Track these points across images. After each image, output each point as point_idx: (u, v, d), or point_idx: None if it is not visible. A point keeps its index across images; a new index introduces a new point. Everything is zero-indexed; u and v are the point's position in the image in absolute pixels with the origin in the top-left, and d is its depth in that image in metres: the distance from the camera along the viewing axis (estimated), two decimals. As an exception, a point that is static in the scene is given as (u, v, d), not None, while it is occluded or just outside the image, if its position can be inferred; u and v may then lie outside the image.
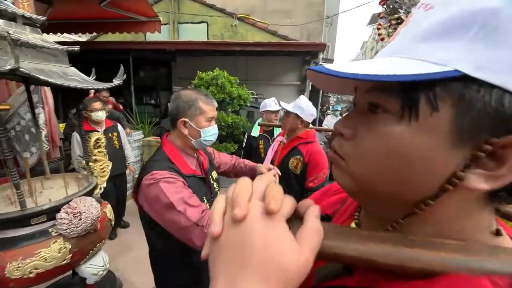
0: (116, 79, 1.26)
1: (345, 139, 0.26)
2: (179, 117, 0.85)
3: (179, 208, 0.71)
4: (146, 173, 0.77)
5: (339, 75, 0.20)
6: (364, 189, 0.24)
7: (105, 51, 4.43)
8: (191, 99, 0.85)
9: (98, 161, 1.58)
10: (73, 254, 1.12)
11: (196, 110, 0.85)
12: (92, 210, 1.15)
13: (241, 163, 1.20)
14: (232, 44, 4.33)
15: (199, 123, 0.86)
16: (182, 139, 0.89)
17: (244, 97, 3.31)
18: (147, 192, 0.75)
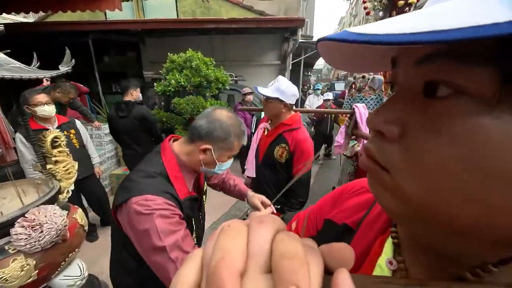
0: (63, 65, 1.05)
1: (389, 141, 0.17)
2: (205, 140, 0.71)
3: (172, 256, 0.60)
4: (138, 193, 0.62)
5: (384, 40, 0.12)
6: (426, 216, 0.16)
7: (58, 33, 3.87)
8: (230, 132, 0.72)
9: (60, 162, 1.39)
10: (39, 269, 0.99)
11: (227, 145, 0.73)
12: (56, 219, 1.01)
13: (230, 181, 1.07)
14: (206, 22, 3.98)
15: (221, 158, 0.75)
16: (192, 160, 0.74)
17: (223, 80, 3.11)
18: (136, 220, 0.61)
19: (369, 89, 1.84)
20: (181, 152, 0.75)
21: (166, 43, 4.62)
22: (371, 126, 0.19)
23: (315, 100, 5.33)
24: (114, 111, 2.15)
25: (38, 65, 1.09)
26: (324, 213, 0.38)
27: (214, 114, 0.73)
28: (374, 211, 0.29)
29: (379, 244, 0.27)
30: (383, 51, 0.18)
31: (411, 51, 0.16)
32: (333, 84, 9.57)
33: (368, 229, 0.29)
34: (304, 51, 6.09)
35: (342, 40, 0.14)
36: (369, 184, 0.21)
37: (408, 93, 0.17)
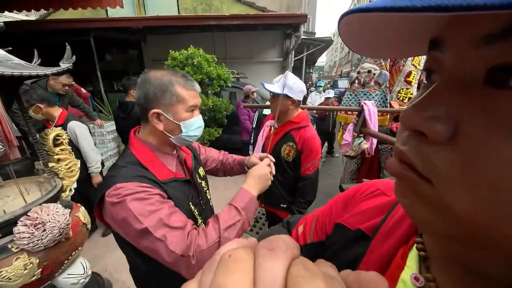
0: (64, 62, 1.04)
1: (433, 144, 0.14)
2: (149, 107, 0.64)
3: (157, 235, 0.54)
4: (109, 187, 0.59)
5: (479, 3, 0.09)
6: (475, 237, 0.14)
7: (59, 31, 3.86)
8: (163, 82, 0.64)
9: (62, 160, 1.38)
10: (43, 268, 0.99)
11: (172, 97, 0.64)
12: (59, 217, 1.00)
13: (229, 159, 1.02)
14: (207, 18, 3.94)
15: (178, 115, 0.66)
16: (157, 136, 0.69)
17: (224, 77, 3.09)
18: (114, 213, 0.57)
19: (375, 84, 1.79)
20: (145, 136, 0.70)
21: (168, 40, 4.60)
22: (409, 125, 0.15)
23: (317, 97, 5.29)
24: (117, 111, 2.15)
25: (39, 62, 1.08)
26: (335, 216, 0.35)
27: (141, 79, 0.67)
28: (393, 217, 0.26)
29: (401, 255, 0.24)
30: (422, 29, 0.15)
31: (469, 27, 0.13)
32: (336, 81, 9.48)
33: (386, 237, 0.26)
34: (306, 48, 6.03)
35: (389, 9, 0.11)
36: (398, 192, 0.18)
37: (461, 82, 0.14)
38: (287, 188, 1.31)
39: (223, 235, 0.58)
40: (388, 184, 0.33)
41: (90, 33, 3.96)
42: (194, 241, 0.57)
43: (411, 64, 1.91)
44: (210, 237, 0.58)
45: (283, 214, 1.40)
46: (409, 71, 1.90)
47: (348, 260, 0.28)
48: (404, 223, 0.25)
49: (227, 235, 0.59)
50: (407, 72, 1.90)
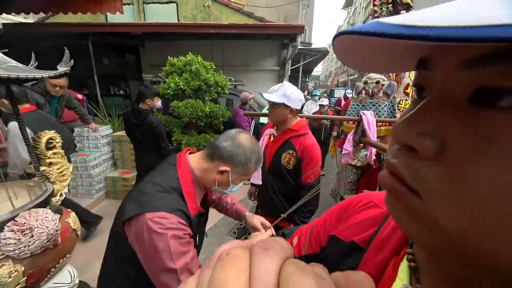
0: (62, 65, 1.03)
1: (422, 158, 0.15)
2: (226, 162, 0.71)
3: (181, 278, 0.59)
4: (152, 209, 0.60)
5: (456, 36, 0.10)
6: (463, 251, 0.14)
7: (57, 35, 3.86)
8: (251, 158, 0.73)
9: (54, 164, 1.36)
10: (28, 276, 0.95)
11: (246, 170, 0.74)
12: (48, 223, 0.97)
13: (227, 199, 1.04)
14: (206, 26, 4.01)
15: (236, 181, 0.76)
16: (206, 177, 0.74)
17: (222, 84, 3.12)
18: (148, 238, 0.59)
19: (383, 95, 1.80)
20: (197, 167, 0.74)
21: (166, 46, 4.64)
22: (399, 139, 0.16)
23: (313, 105, 5.36)
24: (128, 116, 2.18)
25: (36, 65, 1.07)
26: (329, 228, 0.35)
27: (239, 138, 0.74)
28: (386, 229, 0.27)
29: (392, 266, 0.24)
30: (411, 50, 0.16)
31: (453, 51, 0.13)
32: (333, 90, 9.63)
33: (379, 249, 0.26)
34: (302, 58, 6.16)
35: (378, 35, 0.12)
36: (388, 204, 0.18)
37: (448, 100, 0.14)
38: (288, 197, 1.30)
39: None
40: (381, 196, 0.33)
41: (89, 37, 3.96)
42: None
43: (408, 76, 1.96)
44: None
45: (284, 224, 1.38)
46: (407, 83, 1.94)
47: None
48: (396, 234, 0.26)
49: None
50: (406, 84, 1.94)
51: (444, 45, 0.13)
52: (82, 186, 2.76)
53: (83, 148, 2.90)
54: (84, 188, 2.77)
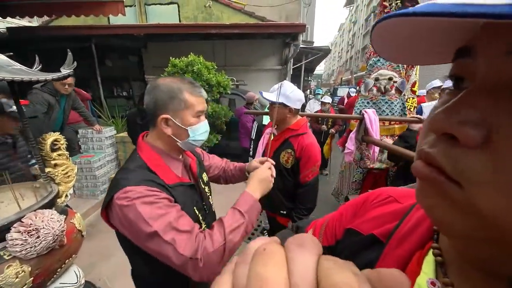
0: (65, 67, 1.04)
1: (464, 148, 0.15)
2: (158, 113, 0.67)
3: (166, 238, 0.56)
4: (118, 189, 0.60)
5: None
6: (504, 239, 0.14)
7: (61, 38, 3.91)
8: (172, 89, 0.67)
9: (59, 165, 1.37)
10: (35, 276, 0.96)
11: (181, 103, 0.67)
12: (53, 224, 0.98)
13: (230, 166, 1.03)
14: (208, 27, 4.02)
15: (186, 120, 0.69)
16: (165, 141, 0.71)
17: (224, 84, 3.12)
18: (122, 215, 0.59)
19: (396, 92, 1.78)
20: (153, 140, 0.72)
21: (168, 48, 4.66)
22: (439, 128, 0.16)
23: (315, 104, 5.34)
24: (133, 116, 2.18)
25: (40, 68, 1.09)
26: (345, 222, 0.35)
27: (151, 86, 0.70)
28: (408, 223, 0.27)
29: (416, 261, 0.24)
30: (448, 39, 0.15)
31: (502, 36, 0.13)
32: (336, 89, 9.55)
33: (400, 242, 0.26)
34: (304, 57, 6.13)
35: (440, 14, 0.11)
36: (422, 194, 0.18)
37: (494, 88, 0.14)
38: (287, 194, 1.31)
39: (228, 238, 0.61)
40: (400, 192, 0.33)
41: (92, 39, 4.00)
42: (201, 244, 0.59)
43: (415, 74, 1.93)
44: (216, 240, 0.60)
45: (283, 220, 1.39)
46: (414, 81, 1.91)
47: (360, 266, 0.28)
48: (419, 229, 0.25)
49: (232, 237, 0.61)
50: (413, 82, 1.91)
51: (492, 31, 0.13)
52: (87, 187, 2.79)
53: (88, 150, 2.93)
54: (89, 189, 2.80)
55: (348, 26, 37.45)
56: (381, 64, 1.90)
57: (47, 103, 2.31)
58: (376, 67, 1.98)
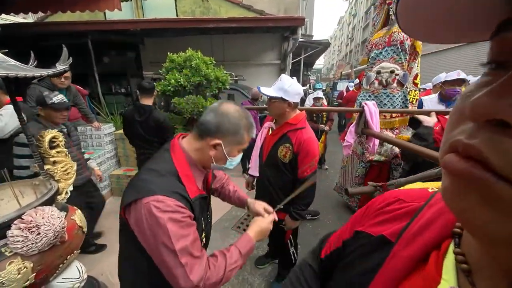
0: (60, 63, 1.03)
1: None
2: (215, 136, 0.69)
3: (182, 261, 0.59)
4: (148, 194, 0.60)
5: None
6: None
7: (56, 34, 3.86)
8: (239, 125, 0.70)
9: (58, 162, 1.37)
10: (37, 272, 0.97)
11: (238, 139, 0.71)
12: (54, 221, 0.99)
13: (229, 186, 1.05)
14: (205, 21, 3.96)
15: (232, 152, 0.73)
16: (202, 157, 0.72)
17: (223, 79, 3.09)
18: (146, 222, 0.59)
19: (397, 84, 1.75)
20: (190, 149, 0.72)
21: (166, 43, 4.61)
22: (483, 113, 0.13)
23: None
24: (131, 113, 2.11)
25: (35, 64, 1.07)
26: (355, 226, 0.35)
27: (221, 108, 0.70)
28: (418, 222, 0.25)
29: (434, 265, 0.22)
30: (486, 12, 0.13)
31: None
32: (336, 83, 9.46)
33: (409, 242, 0.25)
34: (304, 51, 6.07)
35: None
36: (454, 193, 0.16)
37: None
38: (284, 190, 1.30)
39: (226, 274, 0.68)
40: (408, 193, 0.32)
41: (88, 35, 3.95)
42: (206, 274, 0.64)
43: (417, 67, 1.89)
44: (217, 274, 0.66)
45: (280, 214, 1.40)
46: (416, 73, 1.88)
47: (368, 267, 0.27)
48: (431, 227, 0.24)
49: (229, 274, 0.69)
50: (415, 74, 1.87)
51: None
52: (88, 184, 2.80)
53: (87, 147, 2.93)
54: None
55: (348, 19, 36.96)
56: (383, 57, 1.87)
57: None
58: (378, 60, 1.95)
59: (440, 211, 0.25)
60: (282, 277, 1.70)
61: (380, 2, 2.06)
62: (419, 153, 0.96)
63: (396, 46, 1.76)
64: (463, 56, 8.64)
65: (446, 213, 0.25)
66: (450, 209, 0.17)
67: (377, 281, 0.25)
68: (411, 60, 1.85)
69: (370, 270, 0.26)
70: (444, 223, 0.24)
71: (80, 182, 1.76)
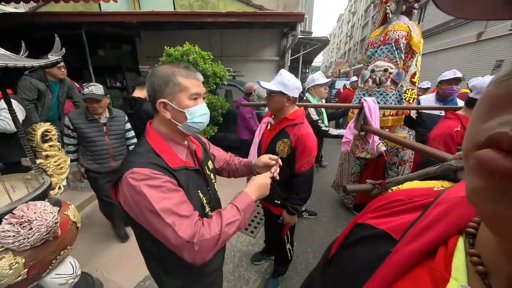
0: (52, 53, 1.00)
1: None
2: (157, 98, 0.71)
3: (167, 220, 0.60)
4: (126, 169, 0.64)
5: None
6: None
7: (49, 25, 3.75)
8: (167, 74, 0.70)
9: (51, 156, 1.34)
10: (29, 268, 0.96)
11: (175, 86, 0.70)
12: (46, 216, 0.97)
13: (235, 160, 1.07)
14: (203, 15, 3.89)
15: (182, 103, 0.71)
16: (167, 125, 0.74)
17: (220, 75, 3.06)
18: (128, 194, 0.63)
19: (391, 83, 1.75)
20: (157, 125, 0.75)
21: (163, 37, 4.52)
22: None
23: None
24: (123, 107, 2.10)
25: (26, 55, 1.04)
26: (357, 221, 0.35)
27: (149, 73, 0.73)
28: (424, 220, 0.25)
29: (443, 263, 0.22)
30: None
31: None
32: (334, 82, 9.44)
33: (414, 238, 0.24)
34: (303, 48, 6.03)
35: None
36: (487, 196, 0.14)
37: None
38: (282, 184, 1.30)
39: (224, 229, 0.66)
40: (412, 192, 0.32)
41: (82, 27, 3.85)
42: (199, 230, 0.63)
43: (415, 65, 1.89)
44: (213, 229, 0.65)
45: (277, 209, 1.40)
46: (414, 72, 1.87)
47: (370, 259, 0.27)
48: (439, 225, 0.24)
49: (227, 230, 0.67)
50: (412, 73, 1.87)
51: None
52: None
53: (81, 141, 2.87)
54: (84, 182, 2.76)
55: (347, 16, 36.80)
56: (378, 56, 1.86)
57: (37, 89, 2.23)
58: (373, 58, 1.94)
59: (447, 209, 0.25)
60: (278, 274, 1.70)
61: (380, 0, 2.04)
62: (420, 151, 0.96)
63: (391, 45, 1.77)
64: (458, 56, 8.71)
65: (454, 212, 0.24)
66: (478, 211, 0.15)
67: (377, 276, 0.24)
68: (408, 58, 1.85)
69: (370, 264, 0.26)
70: (452, 222, 0.24)
71: (103, 170, 1.87)
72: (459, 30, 8.79)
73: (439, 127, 1.47)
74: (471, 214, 0.23)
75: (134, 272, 1.73)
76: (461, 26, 8.63)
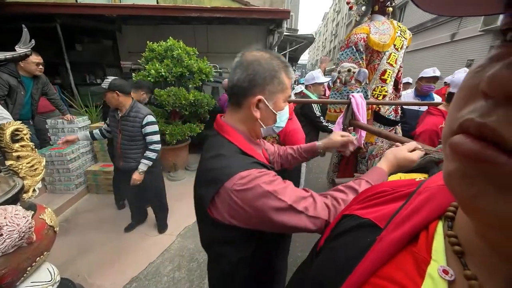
0: (20, 46, 0.92)
1: None
2: (254, 92, 0.58)
3: (300, 208, 0.53)
4: (228, 177, 0.53)
5: None
6: None
7: (20, 16, 3.48)
8: (273, 67, 0.58)
9: (23, 157, 1.25)
10: (2, 276, 0.89)
11: (279, 85, 0.59)
12: (18, 221, 0.90)
13: (288, 149, 0.95)
14: (188, 9, 3.78)
15: (279, 104, 0.61)
16: (249, 124, 0.63)
17: (206, 71, 3.00)
18: (242, 199, 0.52)
19: (355, 82, 1.83)
20: (236, 123, 0.63)
21: (145, 32, 4.35)
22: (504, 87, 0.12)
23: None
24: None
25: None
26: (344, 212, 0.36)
27: (246, 58, 0.60)
28: (407, 208, 0.26)
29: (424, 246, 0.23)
30: None
31: None
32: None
33: (398, 226, 0.25)
34: (289, 45, 6.06)
35: None
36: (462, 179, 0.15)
37: None
38: None
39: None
40: (395, 184, 0.33)
41: (56, 19, 3.61)
42: (330, 209, 0.55)
43: (386, 63, 1.98)
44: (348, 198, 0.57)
45: None
46: (384, 70, 1.96)
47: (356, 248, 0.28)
48: (421, 211, 0.25)
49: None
50: (382, 71, 1.96)
51: None
52: (60, 181, 2.61)
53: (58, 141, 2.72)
54: (63, 184, 2.62)
55: (332, 15, 37.43)
56: (344, 58, 1.96)
57: (7, 85, 2.07)
58: (340, 60, 2.04)
59: (429, 197, 0.26)
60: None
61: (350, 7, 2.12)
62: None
63: (352, 47, 1.90)
64: (435, 55, 9.17)
65: (435, 198, 0.25)
66: (454, 195, 0.16)
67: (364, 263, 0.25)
68: (375, 57, 1.94)
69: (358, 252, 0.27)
70: (433, 208, 0.25)
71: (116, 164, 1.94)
72: (435, 31, 9.24)
73: (425, 124, 1.54)
74: (451, 199, 0.25)
75: (119, 276, 1.68)
76: (437, 27, 9.08)
